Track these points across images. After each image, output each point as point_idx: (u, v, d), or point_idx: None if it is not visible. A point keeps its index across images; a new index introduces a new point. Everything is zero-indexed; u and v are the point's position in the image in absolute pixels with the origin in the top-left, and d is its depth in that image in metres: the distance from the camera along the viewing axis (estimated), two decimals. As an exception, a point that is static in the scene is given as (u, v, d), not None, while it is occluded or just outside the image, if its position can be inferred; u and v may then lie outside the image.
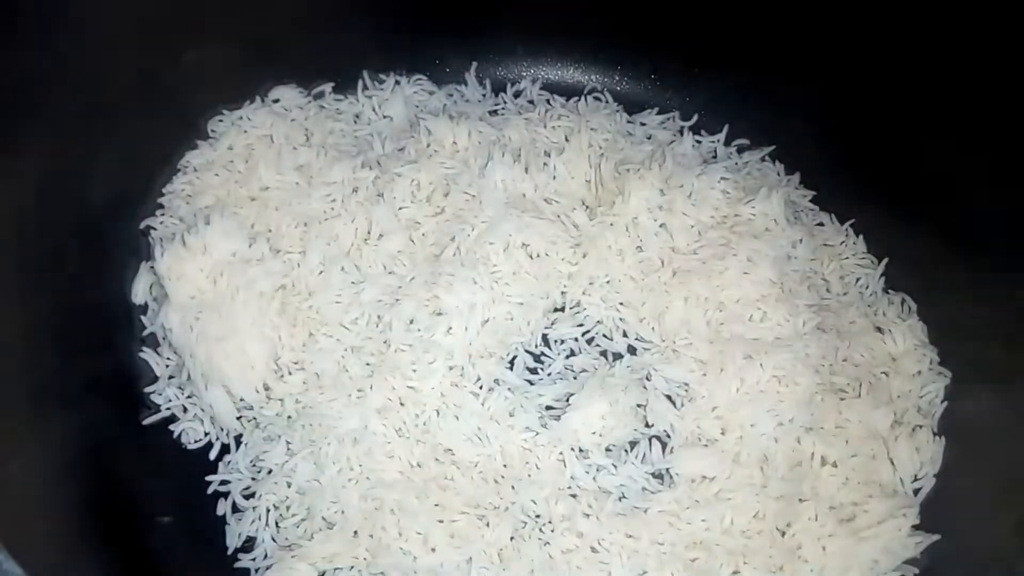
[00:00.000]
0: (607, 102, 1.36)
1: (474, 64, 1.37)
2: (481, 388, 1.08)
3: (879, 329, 1.15)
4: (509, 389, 1.08)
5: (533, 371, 1.12)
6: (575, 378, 1.11)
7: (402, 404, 1.05)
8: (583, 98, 1.35)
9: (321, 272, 1.14)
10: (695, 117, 1.35)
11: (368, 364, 1.08)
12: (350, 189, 1.20)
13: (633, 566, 0.98)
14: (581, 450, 1.04)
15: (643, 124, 1.33)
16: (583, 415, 1.04)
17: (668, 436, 1.07)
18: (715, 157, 1.31)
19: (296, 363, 1.10)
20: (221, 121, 1.25)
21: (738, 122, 1.34)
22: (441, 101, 1.34)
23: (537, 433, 1.05)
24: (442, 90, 1.35)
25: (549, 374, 1.12)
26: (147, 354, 1.12)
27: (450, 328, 1.09)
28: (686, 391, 1.08)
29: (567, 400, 1.07)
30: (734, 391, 1.07)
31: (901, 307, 1.17)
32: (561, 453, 1.03)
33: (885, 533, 0.99)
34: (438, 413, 1.05)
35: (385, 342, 1.09)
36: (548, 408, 1.08)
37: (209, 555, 1.01)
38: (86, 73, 1.05)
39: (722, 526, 0.99)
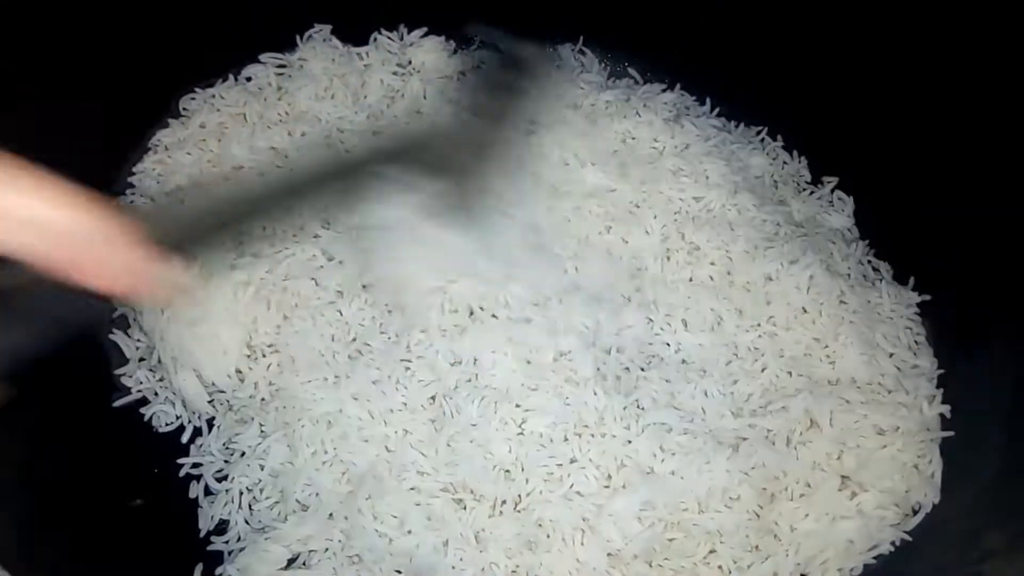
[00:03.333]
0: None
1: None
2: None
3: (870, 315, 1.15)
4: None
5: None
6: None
7: (375, 384, 1.04)
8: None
9: (298, 256, 1.13)
10: (678, 86, 1.35)
11: (346, 346, 1.07)
12: None
13: (610, 547, 0.97)
14: (566, 439, 1.03)
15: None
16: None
17: (642, 408, 1.04)
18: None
19: (270, 346, 1.09)
20: (193, 99, 1.23)
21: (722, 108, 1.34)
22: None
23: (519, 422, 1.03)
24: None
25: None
26: (117, 336, 1.11)
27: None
28: (661, 358, 1.08)
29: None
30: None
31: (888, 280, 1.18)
32: (541, 435, 1.02)
33: (862, 512, 0.99)
34: (407, 404, 1.04)
35: (356, 329, 1.08)
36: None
37: (181, 538, 1.00)
38: (53, 49, 1.03)
39: (699, 507, 0.99)
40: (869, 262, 1.20)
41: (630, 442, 1.01)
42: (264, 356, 1.08)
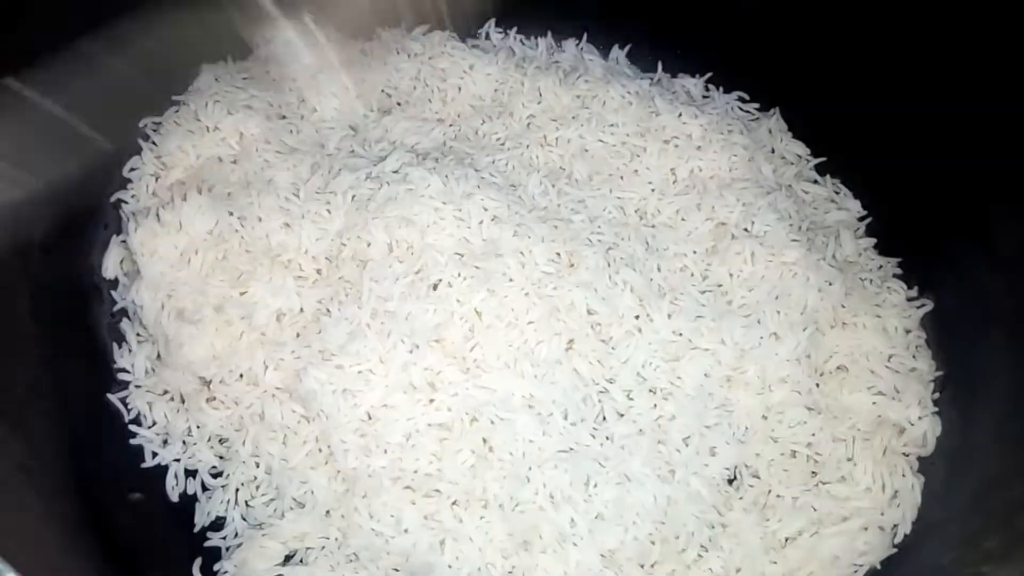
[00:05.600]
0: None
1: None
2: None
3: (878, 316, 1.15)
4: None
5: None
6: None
7: (368, 383, 1.04)
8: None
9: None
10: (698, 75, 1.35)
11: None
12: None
13: (603, 549, 0.98)
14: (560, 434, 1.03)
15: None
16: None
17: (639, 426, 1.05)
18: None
19: (264, 343, 1.09)
20: (187, 93, 1.22)
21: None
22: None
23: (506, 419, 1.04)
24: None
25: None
26: (115, 330, 1.11)
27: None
28: (655, 368, 1.08)
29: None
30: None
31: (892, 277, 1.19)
32: (531, 441, 1.02)
33: (848, 530, 1.01)
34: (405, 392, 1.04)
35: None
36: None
37: (180, 533, 1.01)
38: (53, 39, 1.02)
39: (692, 512, 1.00)
40: (873, 260, 1.21)
41: (623, 448, 1.02)
42: (258, 353, 1.08)
